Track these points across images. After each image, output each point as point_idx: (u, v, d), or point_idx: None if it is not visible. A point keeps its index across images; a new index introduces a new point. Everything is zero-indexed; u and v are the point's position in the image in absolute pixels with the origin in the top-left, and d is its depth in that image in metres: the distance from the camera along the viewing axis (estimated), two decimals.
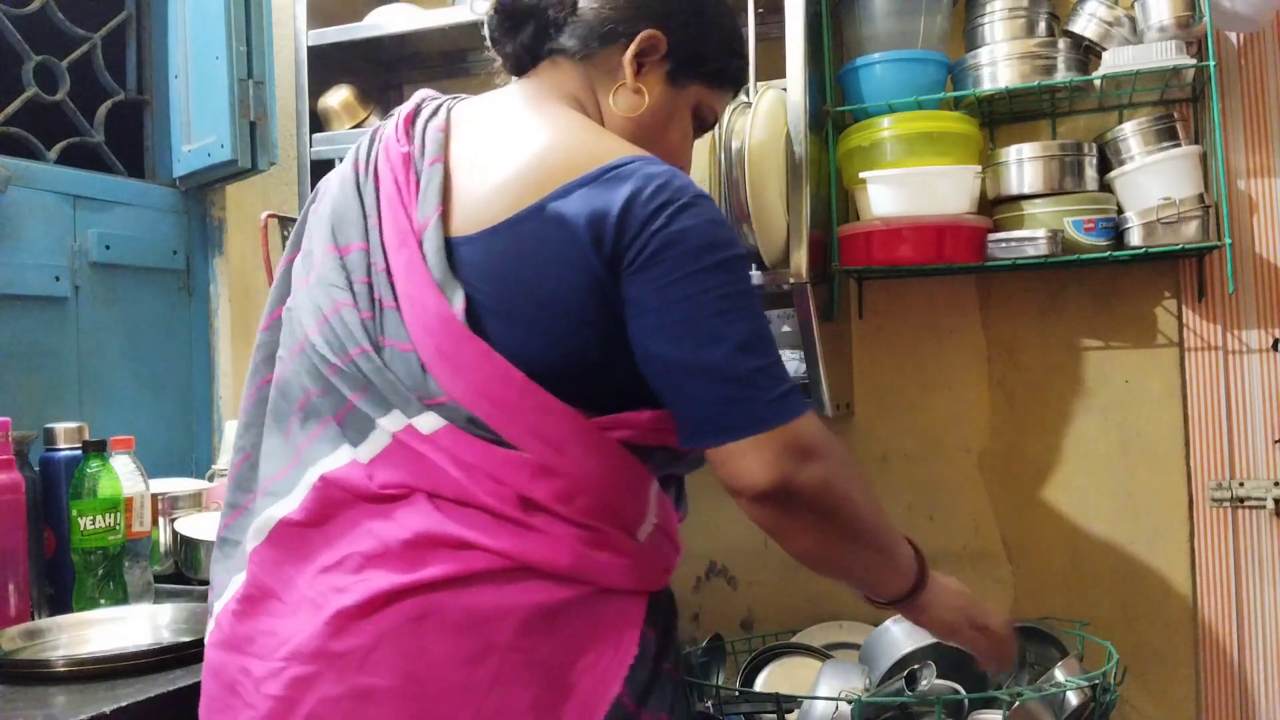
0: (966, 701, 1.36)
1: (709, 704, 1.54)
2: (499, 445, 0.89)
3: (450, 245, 0.93)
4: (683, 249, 0.88)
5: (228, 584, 0.96)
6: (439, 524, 0.87)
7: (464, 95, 1.10)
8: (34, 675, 1.19)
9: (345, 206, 1.00)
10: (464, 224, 0.93)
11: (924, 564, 1.06)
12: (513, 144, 0.96)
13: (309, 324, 0.96)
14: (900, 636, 1.50)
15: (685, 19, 1.04)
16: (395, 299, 0.93)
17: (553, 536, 0.88)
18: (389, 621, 0.85)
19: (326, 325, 0.94)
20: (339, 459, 0.92)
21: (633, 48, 1.01)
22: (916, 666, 1.33)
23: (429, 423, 0.89)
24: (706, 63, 1.06)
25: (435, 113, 1.03)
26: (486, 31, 1.08)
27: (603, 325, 0.90)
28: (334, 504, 0.91)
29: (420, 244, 0.93)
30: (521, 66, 1.07)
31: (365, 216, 0.98)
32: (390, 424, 0.90)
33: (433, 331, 0.90)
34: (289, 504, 0.93)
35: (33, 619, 1.44)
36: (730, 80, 1.11)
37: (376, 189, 0.99)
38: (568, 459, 0.89)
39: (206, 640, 0.97)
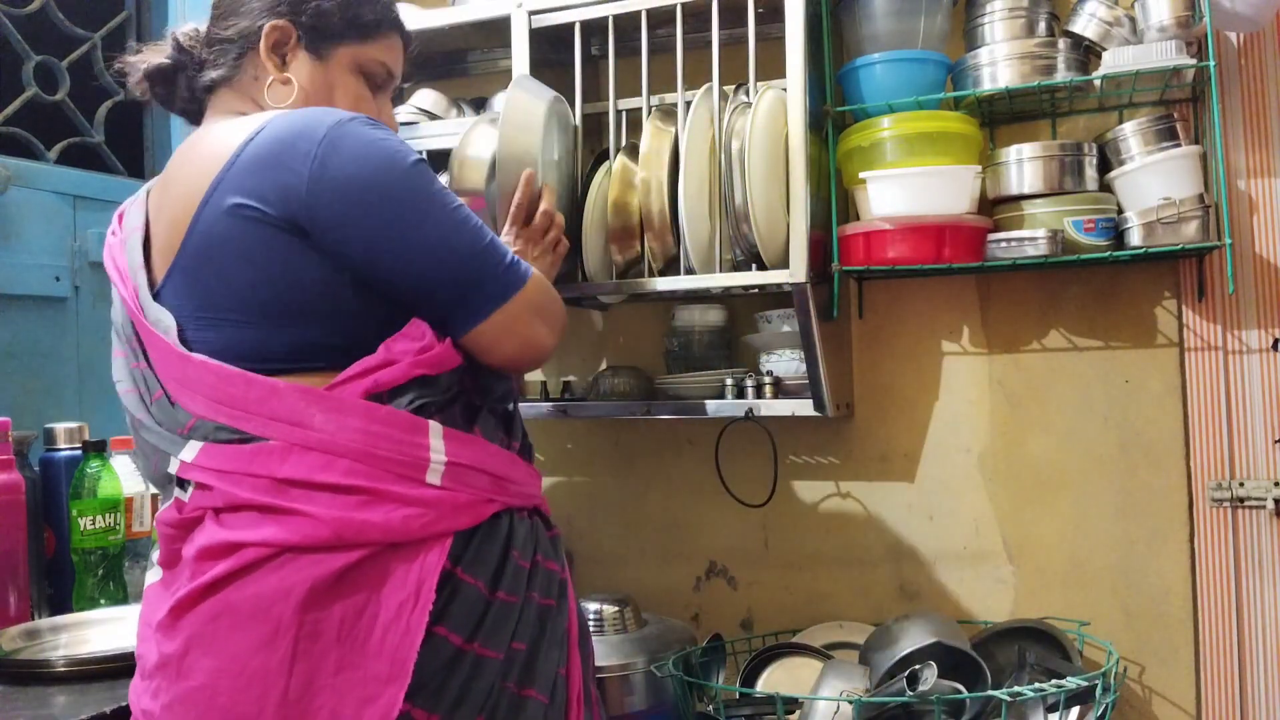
0: (967, 701, 1.36)
1: (709, 704, 1.54)
2: (246, 442, 0.95)
3: (156, 290, 1.02)
4: (352, 180, 0.95)
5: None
6: (215, 535, 0.94)
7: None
8: (34, 675, 1.19)
9: (115, 315, 1.10)
10: (160, 263, 1.03)
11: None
12: (180, 173, 1.04)
13: (134, 417, 1.06)
14: (900, 637, 1.51)
15: None
16: (144, 357, 1.03)
17: (312, 513, 0.92)
18: (192, 626, 0.92)
19: (130, 410, 1.05)
20: (166, 505, 1.02)
21: (263, 46, 1.09)
22: (918, 666, 1.33)
23: (190, 451, 0.97)
24: (338, 26, 1.12)
25: (137, 196, 1.12)
26: (154, 102, 1.18)
27: (309, 290, 0.97)
28: (171, 541, 1.00)
29: (136, 301, 1.02)
30: (195, 116, 1.16)
31: (120, 312, 1.08)
32: (173, 467, 0.98)
33: (162, 365, 1.00)
34: (154, 554, 1.04)
35: (33, 619, 1.44)
36: (374, 27, 1.15)
37: (114, 284, 1.08)
38: (314, 432, 0.94)
39: None
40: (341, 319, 0.98)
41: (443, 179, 1.25)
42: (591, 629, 1.58)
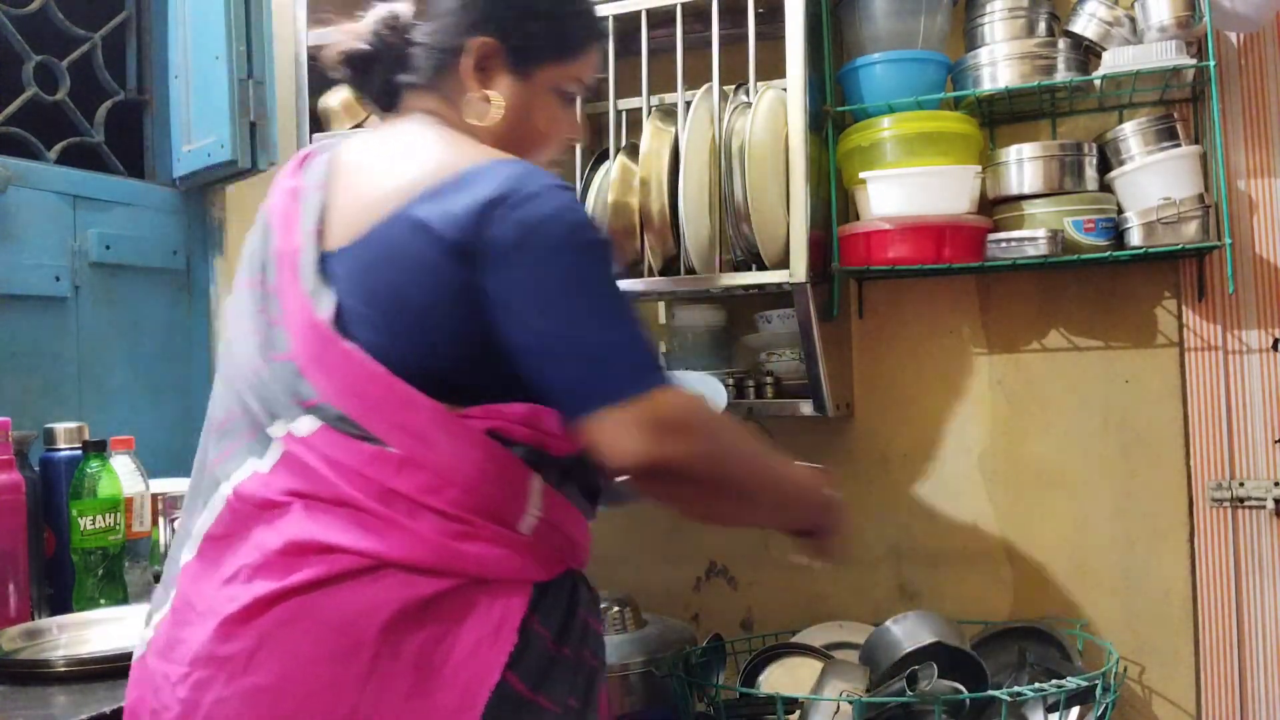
0: (967, 701, 1.36)
1: (709, 704, 1.54)
2: (367, 441, 0.93)
3: (323, 259, 1.00)
4: (536, 239, 0.93)
5: (166, 598, 1.01)
6: (307, 531, 0.92)
7: (353, 134, 1.16)
8: (34, 675, 1.19)
9: (253, 245, 1.08)
10: (336, 239, 1.00)
11: (832, 507, 1.11)
12: (382, 165, 1.03)
13: (232, 351, 1.04)
14: (901, 637, 1.51)
15: (508, 16, 1.07)
16: (282, 315, 1.00)
17: (415, 531, 0.91)
18: (267, 625, 0.90)
19: (240, 349, 1.02)
20: (245, 472, 0.98)
21: (467, 61, 1.06)
22: (918, 667, 1.33)
23: (306, 425, 0.95)
24: (545, 45, 1.09)
25: (324, 151, 1.10)
26: (348, 84, 1.15)
27: (463, 324, 0.95)
28: (241, 517, 0.96)
29: (297, 261, 1.00)
30: (387, 104, 1.13)
31: (266, 252, 1.05)
32: (276, 431, 0.96)
33: (305, 338, 0.97)
34: (207, 519, 0.99)
35: (33, 619, 1.44)
36: (580, 44, 1.12)
37: (272, 225, 1.06)
38: (434, 452, 0.93)
39: (145, 648, 1.00)
40: (480, 371, 0.96)
41: None
42: None
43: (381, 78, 1.11)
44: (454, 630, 0.90)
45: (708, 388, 1.26)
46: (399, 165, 1.01)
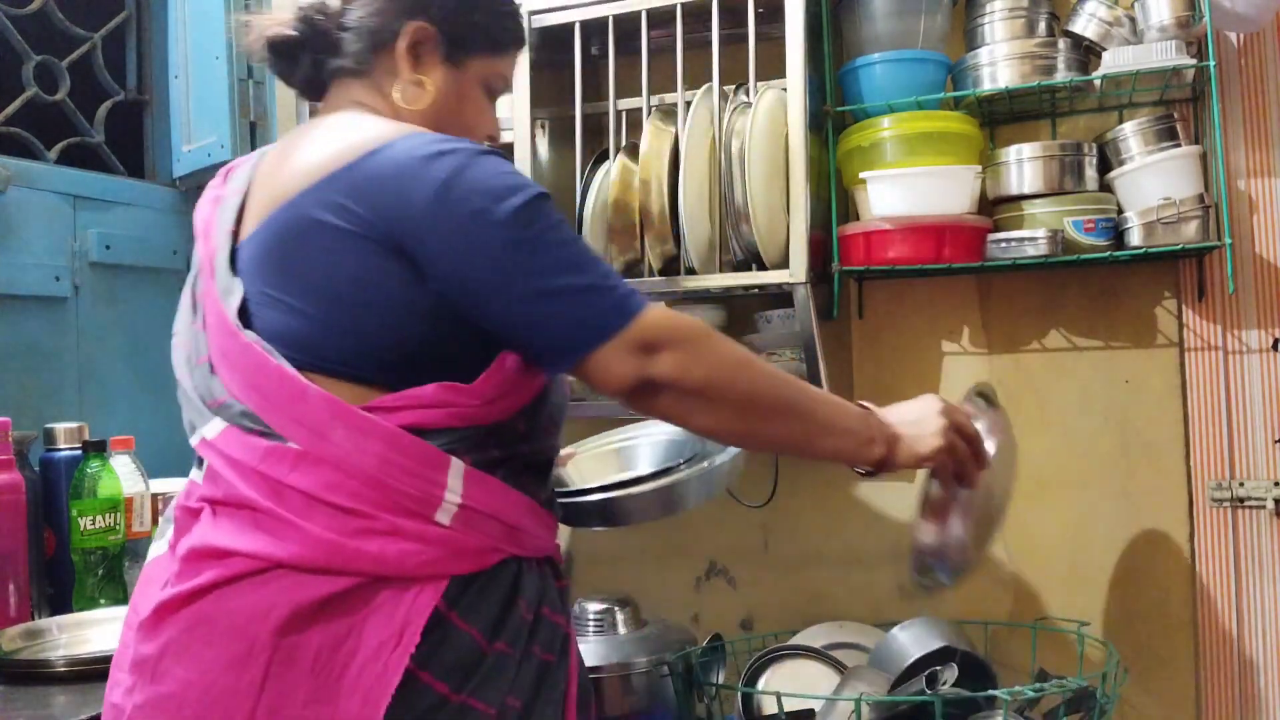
0: (981, 701, 1.36)
1: (708, 703, 1.54)
2: (266, 437, 0.92)
3: (235, 251, 1.00)
4: (473, 207, 0.91)
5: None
6: (207, 537, 0.92)
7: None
8: (34, 675, 1.20)
9: (192, 259, 1.08)
10: (246, 230, 1.00)
11: (877, 420, 1.06)
12: (294, 153, 1.01)
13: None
14: (908, 643, 1.51)
15: (448, 4, 1.07)
16: (203, 320, 1.01)
17: (308, 530, 0.89)
18: (171, 631, 0.90)
19: (177, 364, 1.04)
20: (184, 484, 1.00)
21: (402, 45, 1.05)
22: (938, 668, 1.33)
23: (213, 428, 0.95)
24: (479, 37, 1.10)
25: (250, 159, 1.10)
26: (270, 70, 1.13)
27: (383, 301, 0.93)
28: (178, 529, 0.97)
29: (215, 262, 1.00)
30: (313, 92, 1.12)
31: (195, 261, 1.06)
32: (195, 440, 0.97)
33: (215, 335, 0.97)
34: (165, 530, 1.02)
35: (33, 619, 1.44)
36: (509, 42, 1.14)
37: (196, 235, 1.07)
38: (332, 445, 0.91)
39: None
40: (408, 344, 0.95)
41: None
42: (592, 629, 1.58)
43: (309, 65, 1.10)
44: (356, 631, 0.88)
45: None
46: (310, 150, 0.99)
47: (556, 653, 1.01)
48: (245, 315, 0.96)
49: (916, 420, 1.08)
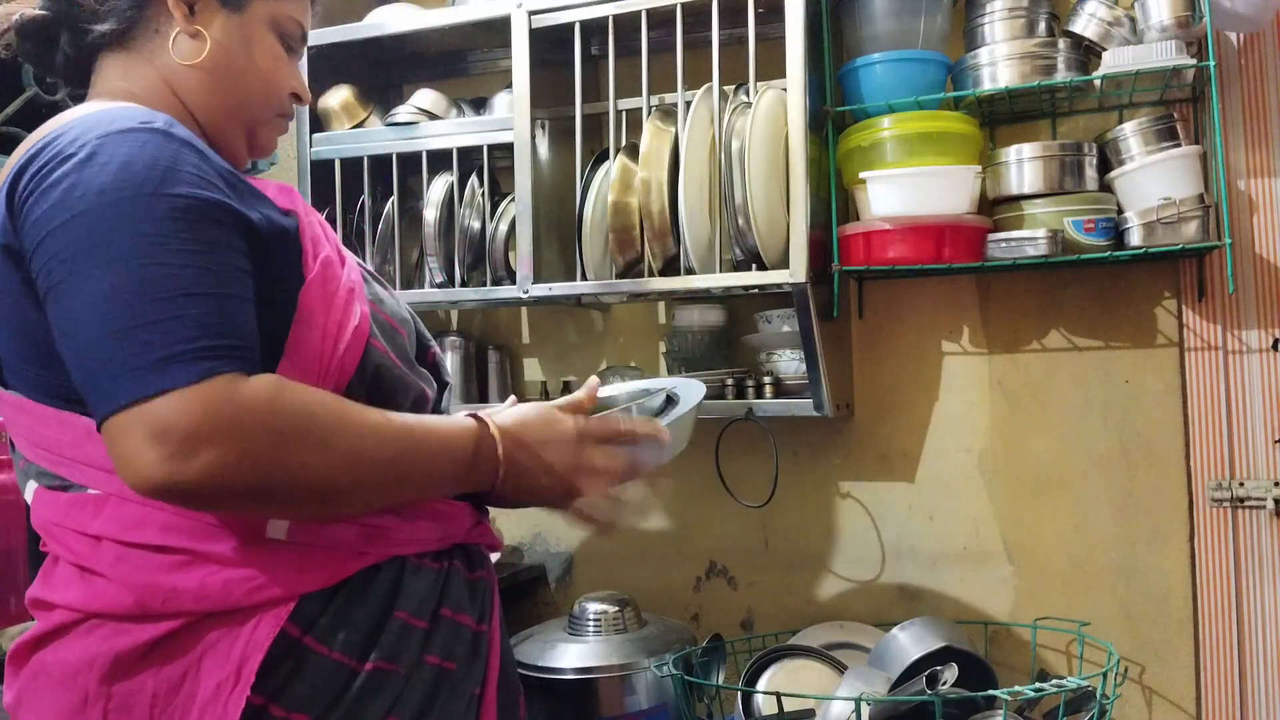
0: (980, 701, 1.36)
1: (708, 703, 1.54)
2: (69, 490, 0.85)
3: None
4: (66, 206, 0.76)
5: None
6: (37, 589, 0.89)
7: None
8: None
9: None
10: None
11: (476, 455, 0.89)
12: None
13: None
14: (908, 643, 1.51)
15: None
16: None
17: (116, 578, 0.82)
18: (22, 680, 0.88)
19: None
20: None
21: None
22: (939, 668, 1.32)
23: (29, 491, 0.90)
24: None
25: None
26: (27, 61, 0.99)
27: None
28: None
29: None
30: (78, 77, 0.97)
31: None
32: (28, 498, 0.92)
33: None
34: None
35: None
36: None
37: None
38: None
39: None
40: None
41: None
42: (591, 629, 1.58)
43: (69, 44, 0.95)
44: (192, 674, 0.81)
45: (687, 391, 1.15)
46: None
47: (461, 658, 0.91)
48: (2, 375, 0.88)
49: (542, 442, 0.92)
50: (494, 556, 1.05)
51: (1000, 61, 1.58)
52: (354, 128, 1.85)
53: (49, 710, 0.85)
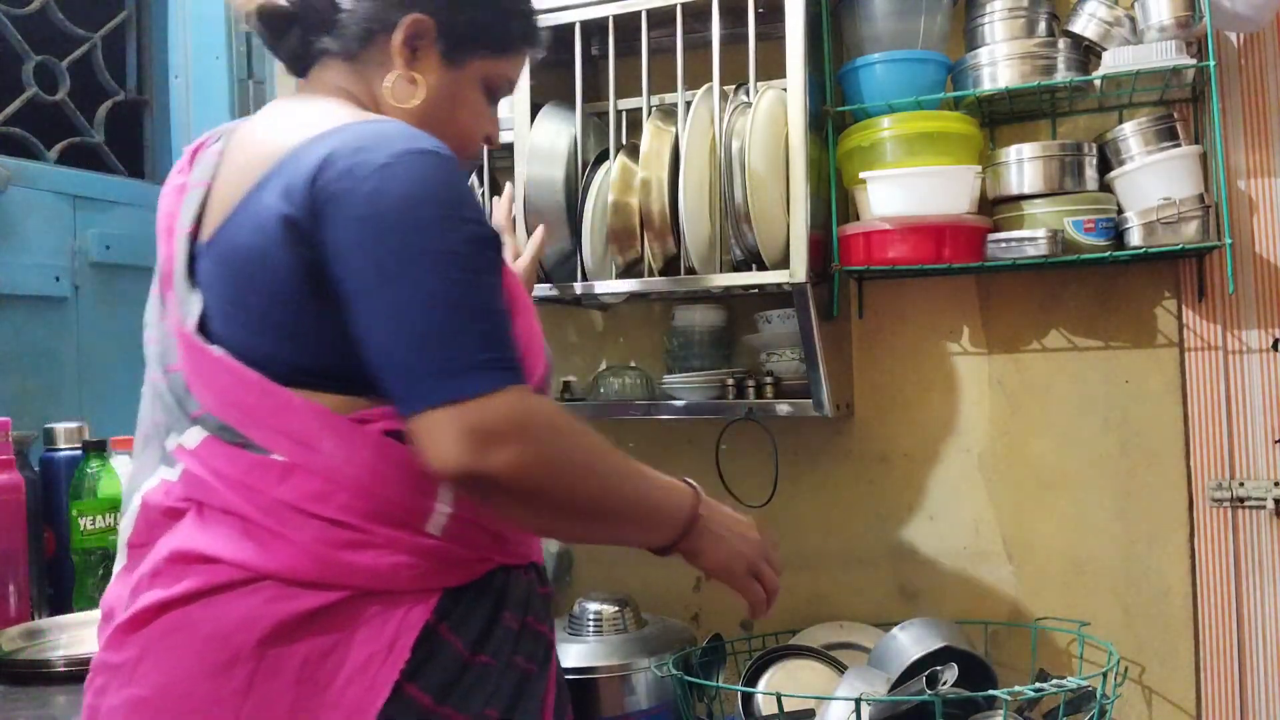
0: (981, 700, 1.36)
1: (708, 703, 1.54)
2: (250, 450, 0.89)
3: (194, 257, 0.94)
4: (372, 207, 0.84)
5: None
6: (192, 540, 0.89)
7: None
8: (34, 675, 1.20)
9: (155, 246, 1.03)
10: (206, 233, 0.94)
11: (696, 519, 1.00)
12: (253, 146, 0.95)
13: (148, 361, 1.01)
14: (908, 643, 1.51)
15: None
16: (171, 325, 0.96)
17: (297, 543, 0.87)
18: (152, 634, 0.88)
19: (148, 360, 1.00)
20: (154, 481, 0.95)
21: (398, 36, 0.99)
22: (938, 667, 1.33)
23: (193, 437, 0.92)
24: (483, 35, 1.03)
25: (219, 139, 1.03)
26: (259, 38, 1.06)
27: (332, 309, 0.87)
28: (151, 525, 0.94)
29: (174, 267, 0.96)
30: (298, 69, 1.05)
31: (160, 263, 1.01)
32: (170, 443, 0.94)
33: (183, 350, 0.93)
34: (126, 526, 0.98)
35: (33, 619, 1.44)
36: (516, 43, 1.07)
37: (159, 228, 1.02)
38: (320, 456, 0.88)
39: None
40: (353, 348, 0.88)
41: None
42: (591, 629, 1.58)
43: (299, 40, 1.03)
44: (344, 644, 0.86)
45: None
46: (270, 139, 0.92)
47: (539, 663, 0.99)
48: (208, 326, 0.92)
49: (729, 535, 1.05)
50: None
51: (1000, 61, 1.58)
52: None
53: (190, 668, 0.86)
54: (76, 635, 1.36)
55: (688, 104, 1.57)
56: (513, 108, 1.69)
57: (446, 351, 0.83)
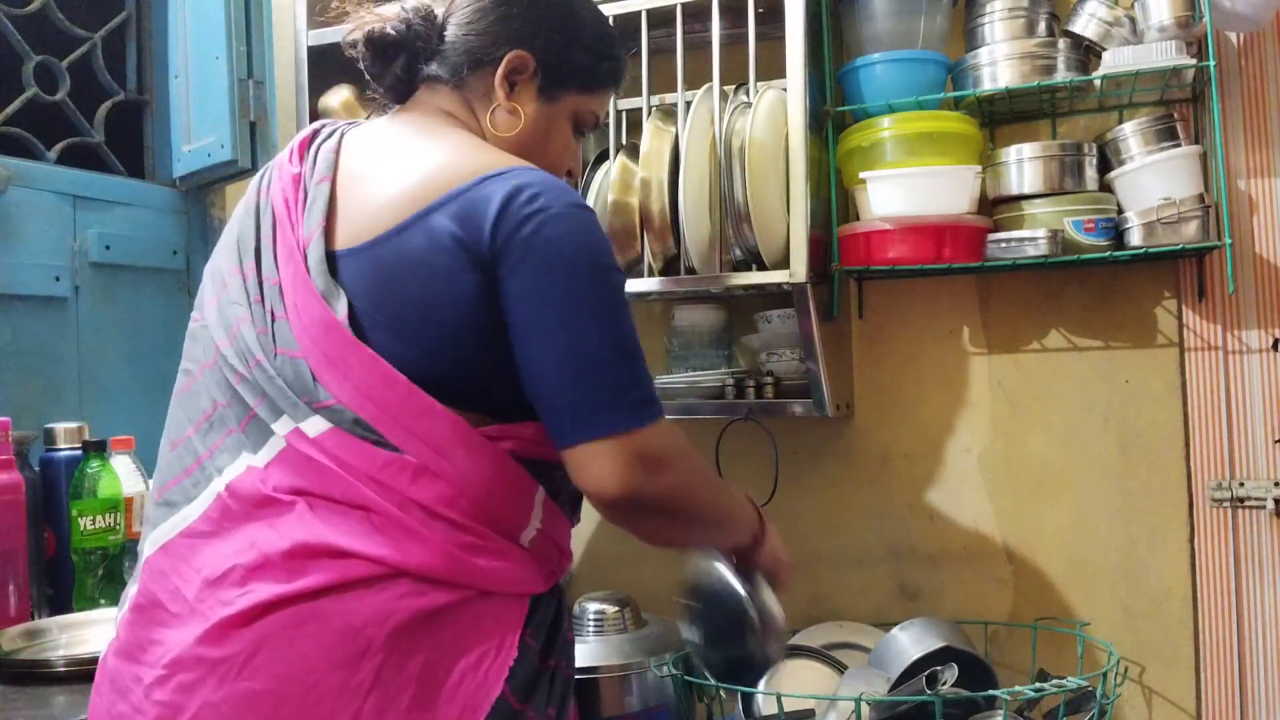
0: (980, 701, 1.36)
1: (708, 703, 1.54)
2: (383, 447, 0.92)
3: (333, 258, 0.98)
4: (551, 255, 0.93)
5: (127, 595, 0.99)
6: (317, 533, 0.90)
7: (360, 121, 1.15)
8: (34, 675, 1.20)
9: (245, 230, 1.06)
10: (347, 238, 0.99)
11: (763, 520, 1.17)
12: (398, 162, 1.01)
13: (220, 339, 1.01)
14: (908, 643, 1.51)
15: (550, 36, 1.09)
16: (285, 310, 0.98)
17: (430, 541, 0.91)
18: (268, 628, 0.88)
19: (234, 339, 0.99)
20: (239, 467, 0.95)
21: (500, 71, 1.07)
22: (939, 668, 1.33)
23: (315, 426, 0.93)
24: (576, 74, 1.12)
25: (330, 136, 1.08)
26: (362, 65, 1.12)
27: (484, 334, 0.95)
28: (232, 515, 0.94)
29: (305, 257, 0.98)
30: (400, 94, 1.12)
31: (260, 238, 1.04)
32: (281, 428, 0.94)
33: (319, 338, 0.95)
34: (189, 514, 0.96)
35: (33, 619, 1.44)
36: (605, 82, 1.16)
37: (272, 211, 1.04)
38: (450, 462, 0.93)
39: (106, 650, 0.99)
40: (502, 371, 0.96)
41: None
42: (591, 629, 1.59)
43: (402, 68, 1.10)
44: (462, 642, 0.91)
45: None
46: (416, 165, 0.99)
47: (574, 668, 1.07)
48: (355, 327, 0.95)
49: (773, 531, 1.19)
50: None
51: (1000, 61, 1.58)
52: None
53: (316, 661, 0.87)
54: (76, 635, 1.36)
55: (688, 104, 1.57)
56: None
57: (612, 390, 0.93)
